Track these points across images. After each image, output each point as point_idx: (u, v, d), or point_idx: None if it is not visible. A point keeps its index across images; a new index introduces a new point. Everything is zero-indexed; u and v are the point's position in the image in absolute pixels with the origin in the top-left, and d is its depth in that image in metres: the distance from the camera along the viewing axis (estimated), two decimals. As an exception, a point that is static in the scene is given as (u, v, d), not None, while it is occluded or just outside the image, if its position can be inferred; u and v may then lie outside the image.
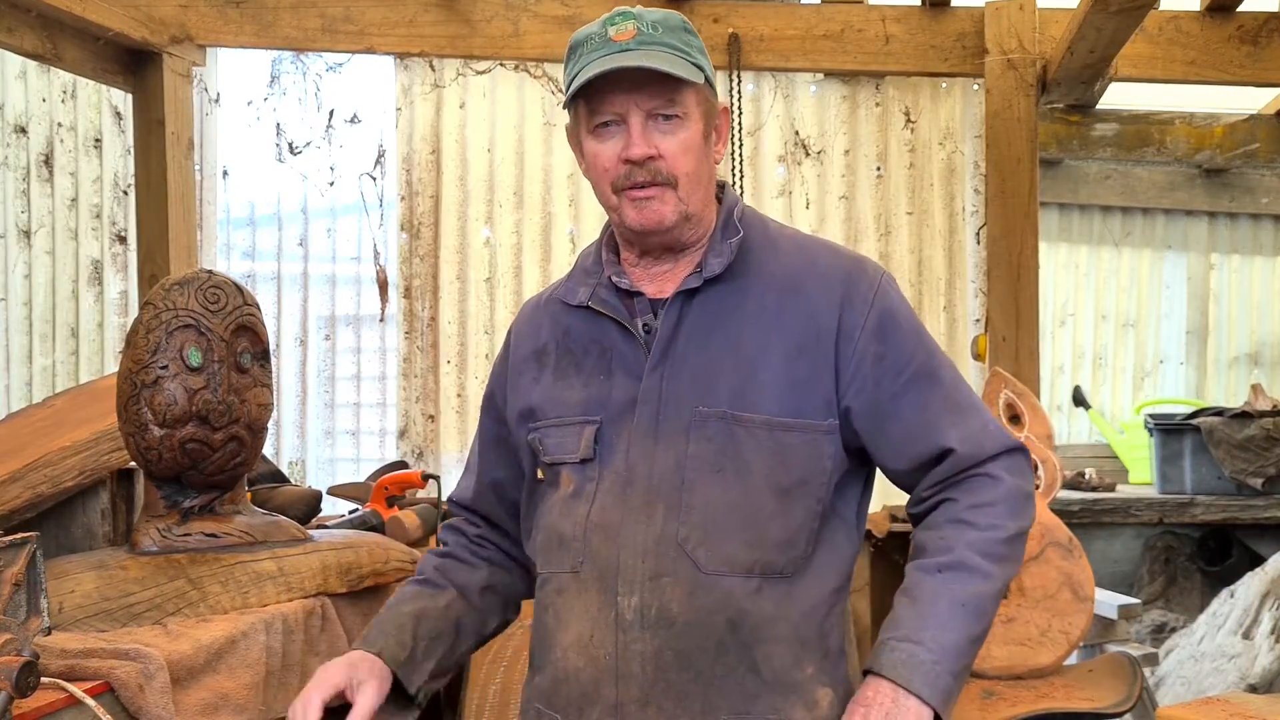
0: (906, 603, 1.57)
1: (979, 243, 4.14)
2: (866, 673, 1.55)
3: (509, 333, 1.84)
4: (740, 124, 4.07)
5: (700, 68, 1.60)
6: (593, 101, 1.61)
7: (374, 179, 4.18)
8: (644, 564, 1.58)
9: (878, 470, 1.72)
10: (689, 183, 1.61)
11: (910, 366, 1.63)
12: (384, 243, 4.20)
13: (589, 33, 1.64)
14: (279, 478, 3.28)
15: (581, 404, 1.67)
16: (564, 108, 1.68)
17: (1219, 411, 5.17)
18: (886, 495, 3.33)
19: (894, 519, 3.62)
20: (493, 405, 1.84)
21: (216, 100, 4.15)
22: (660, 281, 1.68)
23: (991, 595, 1.56)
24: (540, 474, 1.73)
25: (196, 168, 4.08)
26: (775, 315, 1.62)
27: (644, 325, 1.66)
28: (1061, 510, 3.93)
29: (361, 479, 3.71)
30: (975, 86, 4.16)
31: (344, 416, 4.32)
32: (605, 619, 1.59)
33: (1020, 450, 1.65)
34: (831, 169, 4.20)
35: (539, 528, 1.73)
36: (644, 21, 1.60)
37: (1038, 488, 3.18)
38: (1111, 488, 5.35)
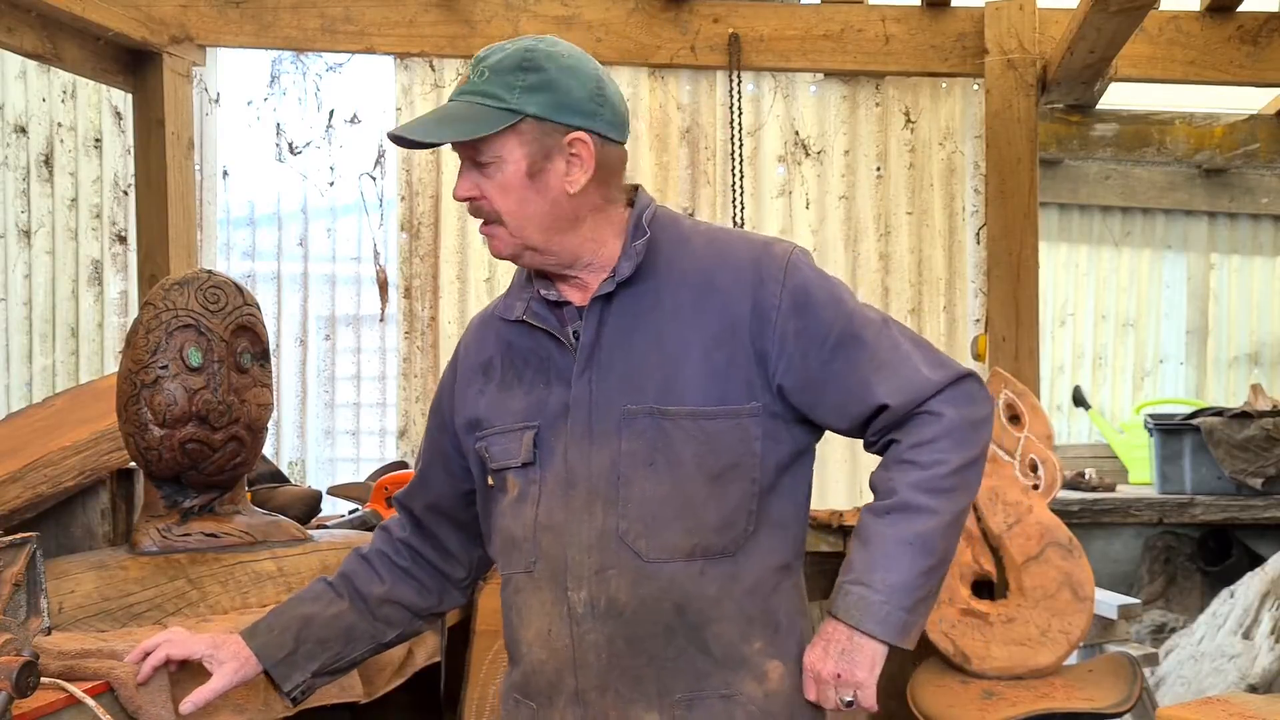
0: (858, 545, 1.68)
1: (979, 243, 4.14)
2: (828, 615, 1.68)
3: (458, 345, 1.91)
4: (740, 124, 4.07)
5: (517, 110, 1.63)
6: None
7: (374, 179, 4.18)
8: (589, 559, 1.67)
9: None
10: (516, 219, 1.67)
11: (831, 335, 1.68)
12: (384, 243, 4.20)
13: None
14: (279, 478, 3.28)
15: (522, 411, 1.74)
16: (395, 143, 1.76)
17: (1219, 411, 5.17)
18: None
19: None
20: (438, 413, 1.91)
21: (216, 100, 4.15)
22: (582, 290, 1.74)
23: (940, 529, 1.64)
24: (490, 480, 1.80)
25: (196, 168, 4.08)
26: (691, 310, 1.69)
27: (574, 332, 1.73)
28: (1061, 510, 3.93)
29: (361, 479, 3.72)
30: (975, 86, 4.16)
31: (344, 416, 4.32)
32: (559, 613, 1.69)
33: (964, 378, 1.70)
34: (831, 169, 4.20)
35: (495, 530, 1.81)
36: (479, 68, 1.67)
37: (1035, 487, 3.19)
38: (1111, 488, 5.35)
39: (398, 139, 1.67)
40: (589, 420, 1.69)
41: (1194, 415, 5.18)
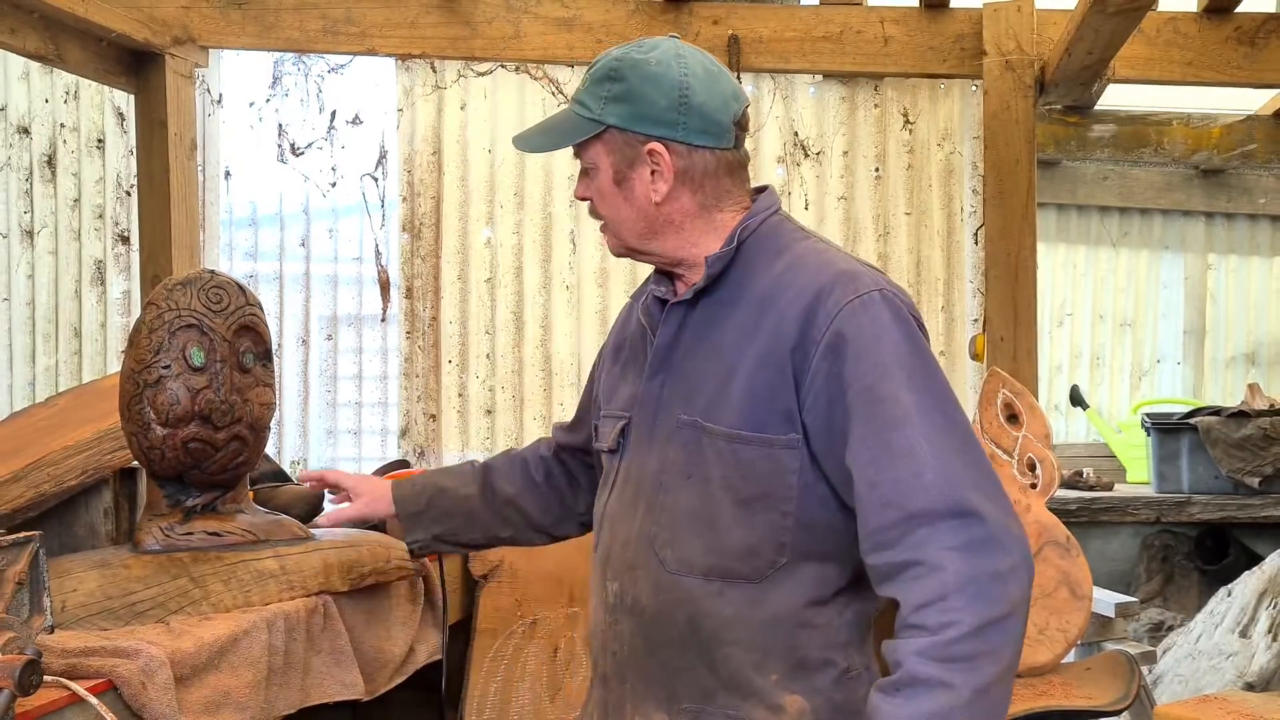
0: None
1: (977, 243, 4.16)
2: None
3: (620, 313, 1.98)
4: (739, 125, 4.08)
5: (599, 120, 1.67)
6: None
7: (375, 180, 4.20)
8: (625, 555, 1.71)
9: None
10: (613, 223, 1.74)
11: (853, 388, 1.52)
12: (385, 243, 4.21)
13: None
14: (281, 477, 3.28)
15: (624, 400, 1.80)
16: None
17: (1216, 411, 5.17)
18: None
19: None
20: (598, 366, 1.99)
21: (219, 101, 4.16)
22: (685, 287, 1.76)
23: (961, 707, 1.38)
24: (597, 458, 1.90)
25: (199, 168, 4.10)
26: (752, 327, 1.63)
27: None
28: (1059, 509, 3.94)
29: (363, 478, 3.72)
30: (973, 88, 4.17)
31: (346, 416, 4.33)
32: (601, 598, 1.76)
33: (974, 517, 1.44)
34: (830, 170, 4.21)
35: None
36: (586, 75, 1.72)
37: (1033, 486, 3.20)
38: (1109, 487, 5.36)
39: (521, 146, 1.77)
40: (653, 422, 1.71)
41: (1191, 414, 5.19)
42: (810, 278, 1.61)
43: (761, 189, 1.77)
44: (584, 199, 1.76)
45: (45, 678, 1.57)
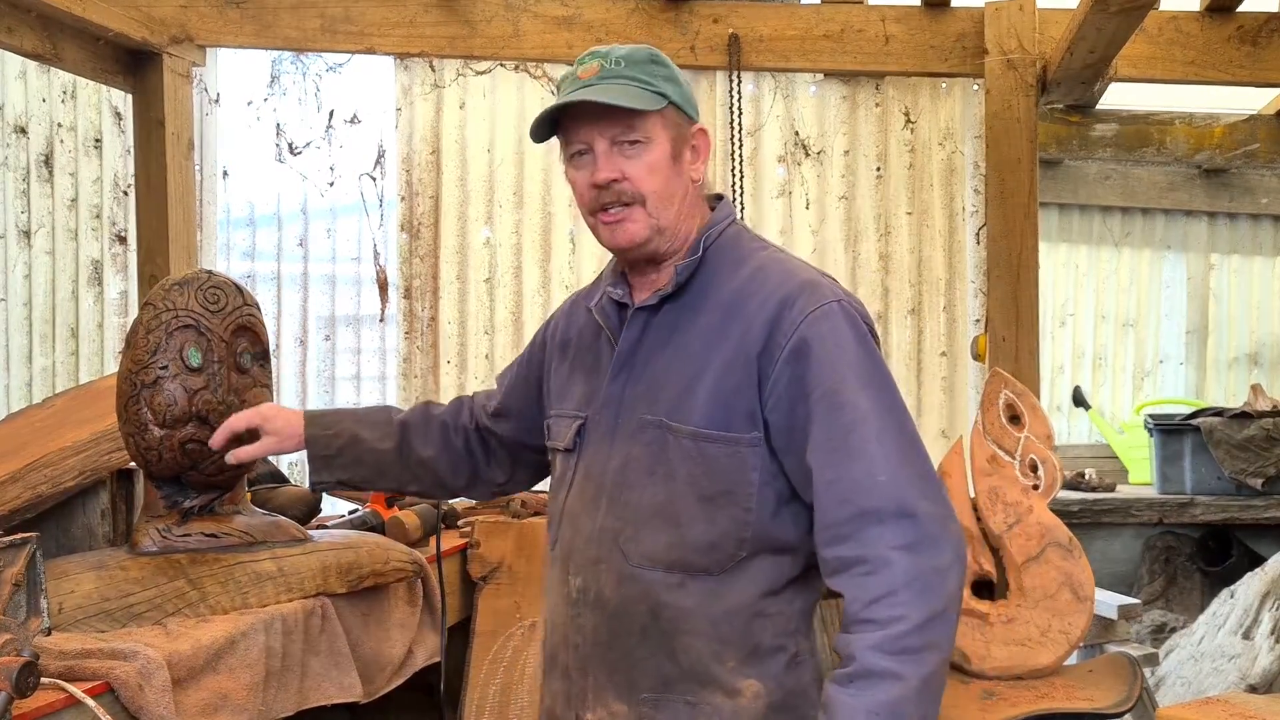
0: None
1: (979, 243, 4.14)
2: None
3: (554, 313, 2.06)
4: (740, 124, 4.07)
5: (664, 95, 1.73)
6: (566, 134, 1.78)
7: (374, 179, 4.18)
8: (589, 550, 1.77)
9: None
10: (657, 200, 1.74)
11: (815, 392, 1.63)
12: (384, 243, 4.20)
13: (565, 73, 1.79)
14: (279, 478, 3.27)
15: (577, 400, 1.86)
16: (535, 141, 1.85)
17: (1219, 412, 5.17)
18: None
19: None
20: (531, 350, 2.06)
21: (216, 100, 4.15)
22: (647, 291, 1.82)
23: (910, 695, 1.51)
24: (550, 455, 1.95)
25: (196, 168, 4.08)
26: (716, 333, 1.72)
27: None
28: (1061, 510, 3.93)
29: (361, 479, 3.71)
30: (975, 87, 4.16)
31: (344, 417, 4.31)
32: (563, 593, 1.81)
33: (920, 517, 1.57)
34: (831, 169, 4.20)
35: (548, 501, 1.94)
36: (609, 59, 1.74)
37: (1035, 488, 3.19)
38: (1111, 488, 5.35)
39: (562, 109, 1.72)
40: (615, 422, 1.78)
41: (1194, 415, 5.18)
42: (775, 286, 1.72)
43: (718, 196, 1.88)
44: (611, 180, 1.73)
45: (42, 680, 1.56)
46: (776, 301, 1.69)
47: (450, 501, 3.13)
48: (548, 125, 1.77)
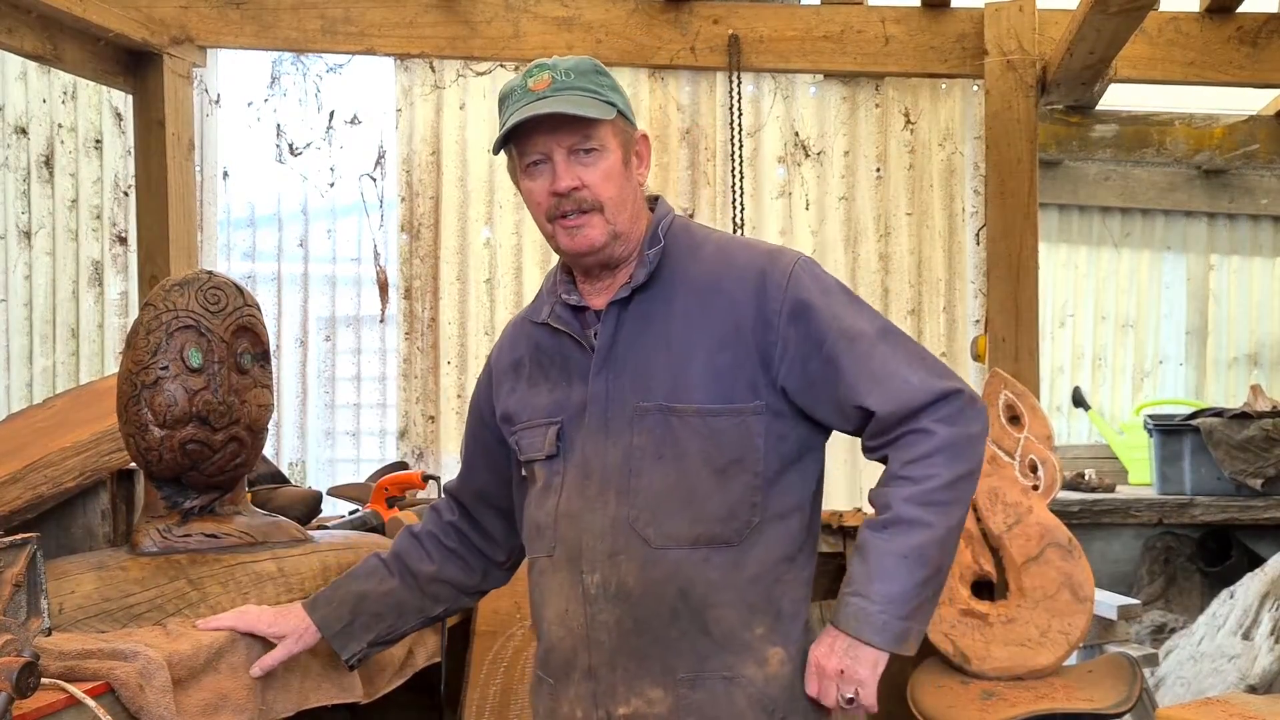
0: (857, 559, 1.75)
1: (979, 243, 4.14)
2: (829, 624, 1.78)
3: (492, 349, 2.07)
4: (740, 125, 4.07)
5: (612, 104, 1.80)
6: (521, 145, 1.82)
7: (374, 180, 4.18)
8: (602, 544, 1.80)
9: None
10: (614, 205, 1.82)
11: (827, 341, 1.77)
12: (384, 244, 4.20)
13: (513, 85, 1.83)
14: (279, 478, 3.28)
15: (547, 407, 1.89)
16: (493, 153, 1.91)
17: (1218, 412, 5.17)
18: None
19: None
20: (477, 410, 2.09)
21: (217, 101, 4.15)
22: (604, 294, 1.88)
23: (934, 541, 1.71)
24: (522, 471, 1.96)
25: (197, 168, 4.08)
26: (699, 314, 1.81)
27: (595, 334, 1.86)
28: (1061, 511, 3.93)
29: (361, 480, 3.72)
30: (975, 87, 4.16)
31: (344, 417, 4.32)
32: (575, 594, 1.82)
33: (955, 394, 1.76)
34: (831, 170, 4.20)
35: (524, 519, 1.97)
36: (558, 71, 1.80)
37: (1035, 488, 3.19)
38: (1111, 488, 5.35)
39: (517, 127, 1.76)
40: (605, 416, 1.82)
41: (1194, 416, 5.18)
42: (746, 262, 1.84)
43: (655, 197, 1.95)
44: (572, 188, 1.79)
45: (43, 680, 1.56)
46: (755, 274, 1.81)
47: None
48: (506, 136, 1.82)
